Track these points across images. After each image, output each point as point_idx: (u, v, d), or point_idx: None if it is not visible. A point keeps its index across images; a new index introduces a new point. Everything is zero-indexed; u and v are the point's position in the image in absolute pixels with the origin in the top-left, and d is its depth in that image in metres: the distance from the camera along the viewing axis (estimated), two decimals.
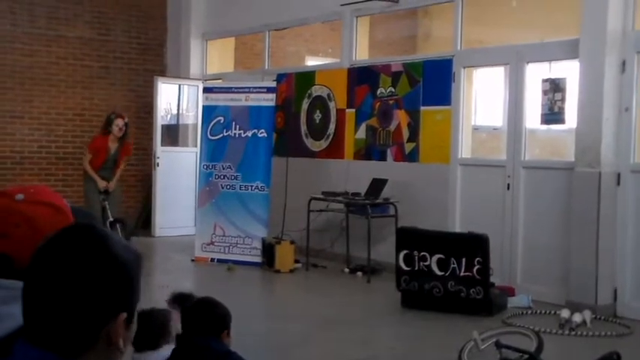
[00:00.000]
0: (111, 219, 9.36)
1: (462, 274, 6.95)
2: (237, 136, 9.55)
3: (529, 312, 7.02)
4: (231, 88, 9.89)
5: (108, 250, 1.42)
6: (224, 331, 3.37)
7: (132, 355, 3.72)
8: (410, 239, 7.26)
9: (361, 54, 9.92)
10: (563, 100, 7.42)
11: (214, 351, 3.25)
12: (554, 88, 7.52)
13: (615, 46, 6.95)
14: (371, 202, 8.52)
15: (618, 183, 6.98)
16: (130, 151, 10.13)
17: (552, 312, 6.85)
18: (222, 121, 9.67)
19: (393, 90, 9.13)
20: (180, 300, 4.17)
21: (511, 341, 5.16)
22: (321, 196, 9.01)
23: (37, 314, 1.40)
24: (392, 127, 9.00)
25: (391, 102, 9.15)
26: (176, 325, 3.72)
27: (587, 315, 6.52)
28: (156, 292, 6.78)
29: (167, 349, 3.51)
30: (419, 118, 8.77)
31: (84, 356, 1.40)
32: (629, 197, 6.92)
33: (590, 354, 5.86)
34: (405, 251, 7.23)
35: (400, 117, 8.98)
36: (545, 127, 7.88)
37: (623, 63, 6.96)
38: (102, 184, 9.48)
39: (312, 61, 12.35)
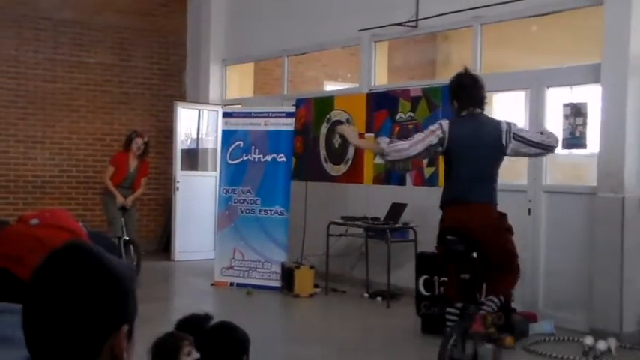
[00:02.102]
0: (125, 237, 9.44)
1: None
2: (256, 160, 9.57)
3: (552, 338, 6.94)
4: (251, 112, 9.93)
5: (101, 264, 1.45)
6: (243, 356, 3.35)
7: None
8: (430, 264, 7.22)
9: (380, 79, 9.95)
10: (584, 124, 7.37)
11: None
12: (576, 112, 7.48)
13: (638, 70, 6.91)
14: (390, 226, 8.49)
15: None
16: (148, 171, 10.21)
17: (576, 339, 6.77)
18: (241, 146, 9.70)
19: (412, 115, 9.12)
20: (196, 322, 4.16)
21: None
22: (341, 221, 9.00)
23: (38, 333, 1.43)
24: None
25: (410, 126, 9.13)
26: (191, 349, 3.71)
27: (612, 342, 6.43)
28: (174, 315, 6.76)
29: None
30: None
31: None
32: None
33: None
34: (425, 276, 7.20)
35: None
36: (566, 151, 7.82)
37: None
38: (120, 199, 9.57)
39: (330, 86, 12.40)
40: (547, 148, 5.35)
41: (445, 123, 5.10)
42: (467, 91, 5.16)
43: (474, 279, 5.09)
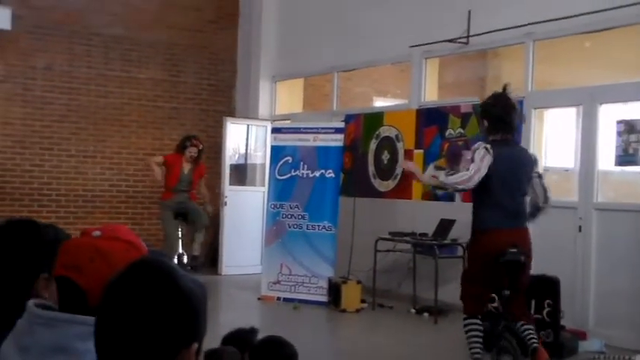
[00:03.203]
0: (180, 251, 9.66)
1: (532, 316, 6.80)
2: (305, 176, 9.60)
3: (602, 357, 6.81)
4: (300, 128, 9.97)
5: (175, 282, 1.46)
6: None
7: None
8: None
9: (430, 95, 9.93)
10: (638, 141, 7.27)
11: None
12: (629, 129, 7.38)
13: None
14: (438, 242, 8.44)
15: None
16: (204, 171, 10.50)
17: (627, 358, 6.63)
18: (290, 161, 9.73)
19: (462, 131, 9.09)
20: (242, 336, 4.16)
21: None
22: (389, 236, 8.97)
23: (110, 348, 1.44)
24: (460, 168, 8.92)
25: (460, 143, 9.10)
26: None
27: None
28: (221, 330, 6.79)
29: None
30: None
31: None
32: None
33: None
34: None
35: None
36: (619, 168, 7.72)
37: None
38: (157, 173, 10.07)
39: (380, 102, 12.41)
40: (547, 199, 5.43)
41: (489, 147, 5.00)
42: (505, 114, 5.08)
43: (511, 297, 5.11)
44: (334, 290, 8.97)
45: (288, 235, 9.52)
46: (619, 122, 7.48)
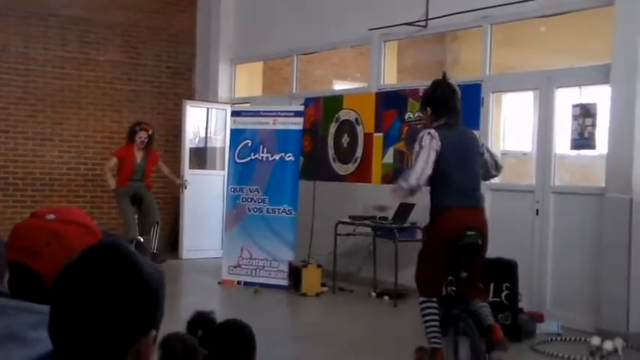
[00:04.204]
0: (139, 239, 9.57)
1: (490, 299, 6.88)
2: (264, 159, 9.57)
3: (558, 338, 6.93)
4: (259, 111, 9.93)
5: (135, 267, 1.42)
6: (252, 353, 3.35)
7: None
8: None
9: (389, 78, 9.94)
10: (593, 125, 7.37)
11: None
12: (585, 113, 7.47)
13: None
14: (398, 226, 8.49)
15: None
16: (158, 158, 10.43)
17: (583, 339, 6.76)
18: (249, 145, 9.70)
19: (421, 114, 9.09)
20: (205, 320, 4.16)
21: None
22: (349, 220, 9.00)
23: (65, 333, 1.40)
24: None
25: (419, 126, 9.12)
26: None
27: (619, 343, 6.41)
28: (182, 314, 6.77)
29: None
30: None
31: None
32: None
33: None
34: None
35: None
36: (575, 152, 7.82)
37: None
38: (112, 183, 9.99)
39: (340, 86, 12.40)
40: (498, 167, 5.45)
41: (434, 132, 5.06)
42: (446, 100, 5.17)
43: (468, 278, 5.14)
44: (294, 274, 8.98)
45: (249, 219, 9.50)
46: (575, 106, 7.56)
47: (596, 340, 6.45)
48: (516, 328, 6.83)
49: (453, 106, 5.17)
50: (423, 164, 5.02)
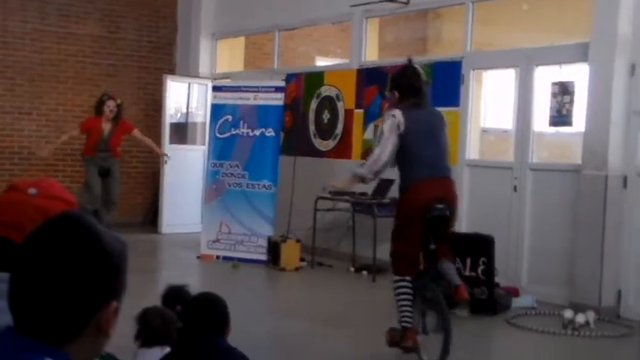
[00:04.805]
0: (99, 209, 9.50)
1: (467, 274, 6.96)
2: (245, 134, 9.57)
3: (533, 312, 7.02)
4: (240, 86, 9.91)
5: (94, 238, 1.42)
6: (225, 326, 3.37)
7: (136, 351, 3.73)
8: None
9: (371, 55, 9.94)
10: (571, 102, 7.43)
11: (216, 347, 3.24)
12: (563, 90, 7.53)
13: (625, 50, 6.96)
14: (377, 201, 8.53)
15: (625, 186, 6.99)
16: (130, 126, 10.20)
17: (556, 313, 6.85)
18: (230, 120, 9.69)
19: (388, 95, 9.12)
20: (176, 293, 4.18)
21: None
22: (328, 196, 9.02)
23: (24, 303, 1.40)
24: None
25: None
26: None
27: (591, 316, 6.53)
28: (161, 288, 6.79)
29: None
30: None
31: (72, 343, 1.40)
32: (635, 200, 6.92)
33: (593, 354, 5.88)
34: None
35: None
36: (553, 129, 7.88)
37: (633, 67, 6.96)
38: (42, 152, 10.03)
39: (321, 62, 12.38)
40: None
41: (398, 114, 5.25)
42: (412, 83, 5.40)
43: (441, 249, 5.28)
44: (273, 249, 9.01)
45: (228, 194, 9.51)
46: (554, 84, 7.62)
47: (569, 313, 6.55)
48: (492, 303, 6.91)
49: (419, 89, 5.40)
50: (381, 149, 5.26)
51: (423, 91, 5.46)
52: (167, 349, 3.47)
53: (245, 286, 8.26)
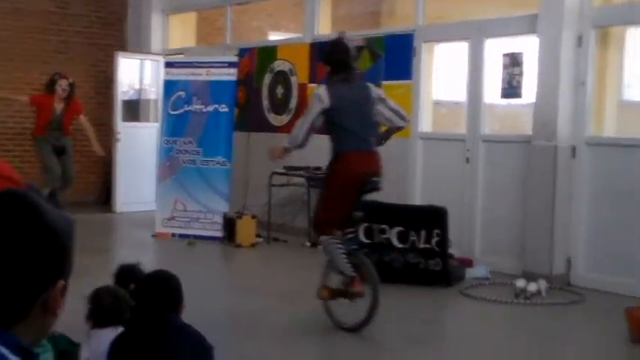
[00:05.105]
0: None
1: (421, 246, 7.03)
2: (198, 111, 9.50)
3: (487, 282, 7.12)
4: (193, 62, 9.84)
5: (38, 216, 1.39)
6: (179, 304, 3.35)
7: (89, 332, 3.70)
8: (370, 212, 7.27)
9: (323, 29, 9.90)
10: (521, 74, 7.50)
11: (169, 324, 3.22)
12: (513, 62, 7.60)
13: (572, 22, 7.03)
14: None
15: (574, 156, 7.09)
16: (80, 108, 10.04)
17: (509, 282, 6.95)
18: (183, 96, 9.61)
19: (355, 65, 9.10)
20: (130, 273, 4.15)
21: None
22: (283, 171, 9.01)
23: None
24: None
25: None
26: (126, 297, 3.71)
27: (542, 284, 6.65)
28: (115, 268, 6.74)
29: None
30: None
31: (19, 324, 1.38)
32: (583, 170, 7.04)
33: (544, 321, 6.00)
34: (365, 224, 7.27)
35: None
36: (504, 101, 7.95)
37: (580, 38, 7.04)
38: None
39: (274, 36, 12.29)
40: (402, 116, 5.80)
41: (323, 91, 5.58)
42: (342, 58, 5.65)
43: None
44: (229, 225, 8.98)
45: (182, 171, 9.45)
46: (504, 55, 7.68)
47: (521, 283, 6.66)
48: (446, 274, 6.99)
49: (348, 64, 5.66)
50: (301, 123, 5.66)
51: (352, 66, 5.72)
52: (120, 329, 3.44)
53: (200, 263, 8.24)
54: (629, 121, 7.65)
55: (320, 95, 5.56)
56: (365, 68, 8.98)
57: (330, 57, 5.75)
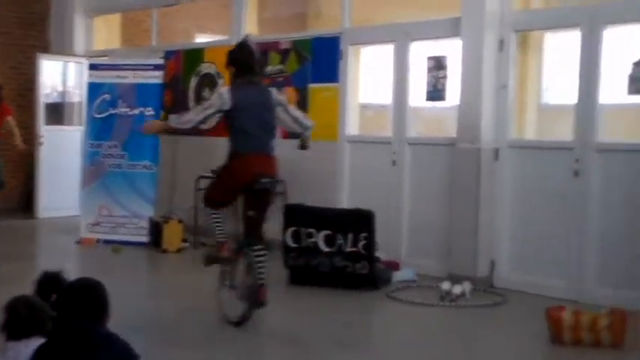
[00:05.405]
0: None
1: (348, 249, 7.03)
2: (123, 114, 9.36)
3: (413, 285, 7.17)
4: (118, 65, 9.71)
5: None
6: (104, 312, 3.27)
7: (5, 344, 3.58)
8: (297, 216, 7.29)
9: (250, 31, 9.82)
10: (445, 77, 7.59)
11: (94, 334, 3.14)
12: (438, 65, 7.68)
13: (494, 26, 7.14)
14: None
15: (497, 158, 7.20)
16: (9, 111, 9.88)
17: (435, 285, 7.01)
18: (108, 99, 9.47)
19: (281, 67, 9.11)
20: (52, 281, 4.03)
21: None
22: (210, 175, 8.90)
23: None
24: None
25: (280, 79, 9.13)
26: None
27: (467, 286, 6.73)
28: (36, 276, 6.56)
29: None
30: (307, 95, 8.80)
31: None
32: (506, 172, 7.16)
33: (468, 323, 6.07)
34: (292, 228, 7.26)
35: (289, 94, 8.97)
36: (430, 104, 8.02)
37: (501, 42, 7.15)
38: None
39: (201, 38, 12.18)
40: (302, 124, 6.03)
41: (225, 91, 5.78)
42: (246, 61, 5.84)
43: (257, 218, 5.86)
44: (155, 230, 8.86)
45: (108, 176, 9.29)
46: (429, 58, 7.75)
47: (446, 285, 6.73)
48: (373, 277, 7.01)
49: (253, 67, 5.85)
50: (195, 113, 5.87)
51: (256, 69, 5.90)
52: (39, 341, 3.33)
53: (126, 269, 8.09)
54: (547, 124, 7.82)
55: (222, 95, 5.75)
56: (292, 71, 8.98)
57: (235, 59, 5.89)
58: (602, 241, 6.55)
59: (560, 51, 7.46)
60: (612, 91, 6.60)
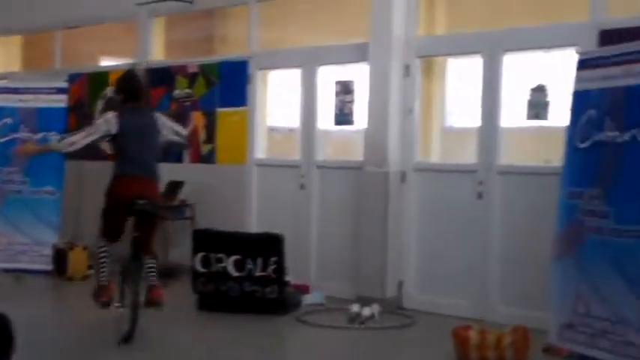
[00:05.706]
0: None
1: (257, 274, 7.01)
2: (26, 138, 9.13)
3: (322, 308, 7.19)
4: (19, 88, 9.48)
5: None
6: (9, 346, 3.16)
7: None
8: (206, 241, 7.24)
9: (157, 55, 9.77)
10: (352, 101, 7.71)
11: None
12: (345, 90, 7.80)
13: (399, 51, 7.29)
14: (167, 204, 8.37)
15: (403, 181, 7.33)
16: None
17: (344, 307, 7.04)
18: (9, 123, 9.23)
19: (189, 91, 9.07)
20: None
21: None
22: None
23: None
24: (188, 129, 8.89)
25: (188, 103, 9.08)
26: None
27: (375, 308, 6.80)
28: None
29: None
30: (215, 119, 8.78)
31: None
32: (412, 194, 7.29)
33: (377, 346, 6.13)
34: (202, 253, 7.20)
35: (197, 119, 8.93)
36: (337, 128, 8.11)
37: (407, 67, 7.31)
38: None
39: (107, 62, 11.97)
40: (181, 135, 6.46)
41: (112, 116, 6.10)
42: (133, 88, 6.21)
43: (142, 238, 6.11)
44: (59, 257, 8.63)
45: (7, 203, 9.02)
46: (337, 83, 7.86)
47: (355, 307, 6.78)
48: (282, 301, 7.00)
49: (139, 94, 6.22)
50: (82, 136, 6.14)
51: (142, 95, 6.26)
52: None
53: (29, 299, 7.81)
54: (451, 146, 8.01)
55: (109, 120, 6.06)
56: (200, 95, 8.95)
57: (122, 87, 6.26)
58: (504, 261, 6.73)
59: (462, 76, 7.67)
60: (512, 115, 6.82)
